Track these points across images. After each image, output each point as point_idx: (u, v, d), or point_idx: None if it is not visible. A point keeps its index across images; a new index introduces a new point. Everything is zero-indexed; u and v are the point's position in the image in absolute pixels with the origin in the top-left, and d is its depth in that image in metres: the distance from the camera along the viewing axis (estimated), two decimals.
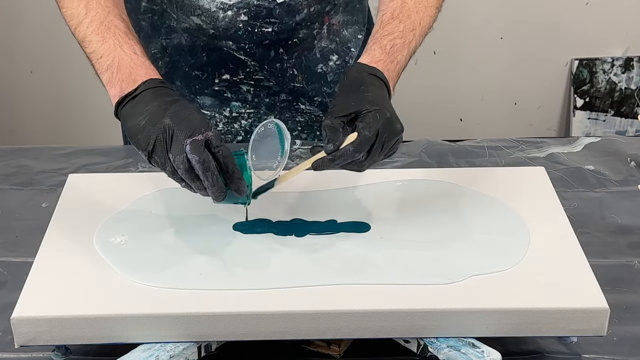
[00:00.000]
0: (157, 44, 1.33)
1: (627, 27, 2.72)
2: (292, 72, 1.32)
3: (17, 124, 2.77)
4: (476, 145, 1.35)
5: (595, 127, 2.80)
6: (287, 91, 1.34)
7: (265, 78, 1.32)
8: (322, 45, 1.32)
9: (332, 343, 0.95)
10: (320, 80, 1.34)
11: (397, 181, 1.13)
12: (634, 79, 2.76)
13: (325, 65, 1.33)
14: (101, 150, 1.36)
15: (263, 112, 1.36)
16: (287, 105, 1.36)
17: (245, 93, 1.34)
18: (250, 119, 1.36)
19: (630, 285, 1.04)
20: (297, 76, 1.33)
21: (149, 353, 0.89)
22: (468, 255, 0.97)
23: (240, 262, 0.97)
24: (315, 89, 1.34)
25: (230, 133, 1.37)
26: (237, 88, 1.33)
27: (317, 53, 1.32)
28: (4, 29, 2.65)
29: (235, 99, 1.34)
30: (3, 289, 1.04)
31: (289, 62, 1.31)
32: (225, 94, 1.34)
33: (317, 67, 1.33)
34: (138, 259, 0.97)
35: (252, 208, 1.04)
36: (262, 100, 1.35)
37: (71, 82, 2.72)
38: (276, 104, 1.35)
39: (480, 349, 0.89)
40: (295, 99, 1.35)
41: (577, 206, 1.19)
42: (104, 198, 1.08)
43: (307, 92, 1.35)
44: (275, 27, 1.26)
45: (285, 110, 1.36)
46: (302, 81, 1.33)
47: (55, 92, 2.74)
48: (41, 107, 2.76)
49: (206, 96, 1.35)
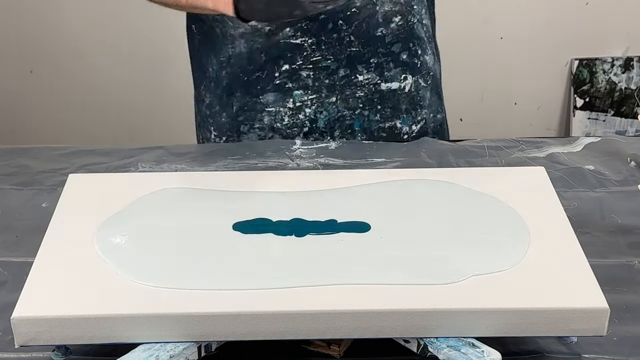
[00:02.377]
0: (224, 54, 1.37)
1: (627, 27, 2.73)
2: (349, 39, 1.34)
3: (17, 124, 2.77)
4: (476, 145, 1.35)
5: (595, 127, 2.81)
6: (344, 63, 1.36)
7: (322, 57, 1.34)
8: (385, 10, 1.34)
9: (332, 343, 0.95)
10: (377, 43, 1.36)
11: (397, 181, 1.13)
12: (634, 79, 2.77)
13: (387, 28, 1.35)
14: (101, 150, 1.36)
15: (325, 95, 1.38)
16: (347, 82, 1.37)
17: (306, 79, 1.36)
18: (313, 105, 1.38)
19: (630, 285, 1.04)
20: (354, 41, 1.35)
21: (149, 353, 0.89)
22: (468, 255, 0.97)
23: (240, 262, 0.97)
24: (371, 51, 1.36)
25: (296, 126, 1.39)
26: (297, 75, 1.36)
27: (379, 18, 1.34)
28: (4, 29, 2.65)
29: (296, 88, 1.36)
30: (3, 289, 1.04)
31: (347, 31, 1.34)
32: (286, 85, 1.36)
33: (376, 30, 1.35)
34: (138, 259, 0.97)
35: (252, 208, 1.04)
36: (322, 83, 1.37)
37: (71, 82, 2.72)
38: (336, 82, 1.37)
39: (480, 349, 0.89)
40: (352, 69, 1.37)
41: (577, 206, 1.19)
42: (104, 198, 1.08)
43: (363, 56, 1.36)
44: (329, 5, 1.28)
45: (345, 87, 1.38)
46: (359, 45, 1.35)
47: (55, 92, 2.74)
48: (41, 107, 2.77)
49: (269, 93, 1.37)
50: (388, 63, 1.38)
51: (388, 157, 1.31)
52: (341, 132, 1.40)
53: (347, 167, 1.28)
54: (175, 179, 1.15)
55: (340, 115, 1.39)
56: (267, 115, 1.39)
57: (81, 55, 2.69)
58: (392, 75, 1.39)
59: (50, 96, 2.74)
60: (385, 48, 1.37)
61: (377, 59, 1.37)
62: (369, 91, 1.39)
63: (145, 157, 1.32)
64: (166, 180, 1.14)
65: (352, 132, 1.41)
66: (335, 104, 1.38)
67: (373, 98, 1.40)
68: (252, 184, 1.11)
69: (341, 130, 1.40)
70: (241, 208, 1.05)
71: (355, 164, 1.30)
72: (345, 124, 1.40)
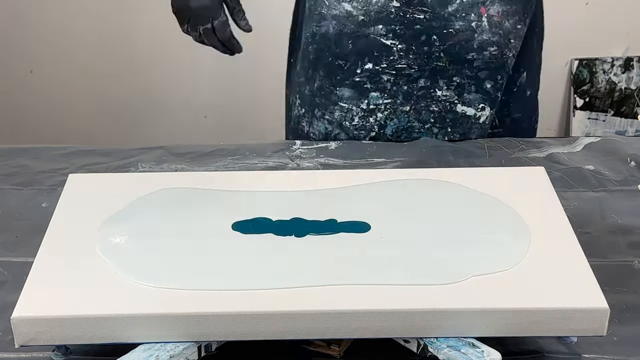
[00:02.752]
0: (310, 29, 1.36)
1: (627, 27, 2.72)
2: (438, 54, 1.33)
3: (17, 124, 2.77)
4: (476, 145, 1.35)
5: (595, 127, 2.80)
6: (426, 75, 1.34)
7: (408, 65, 1.33)
8: (483, 38, 1.32)
9: (332, 343, 0.95)
10: (465, 64, 1.34)
11: (397, 181, 1.13)
12: (634, 79, 2.76)
13: (480, 54, 1.33)
14: (101, 150, 1.36)
15: (400, 102, 1.36)
16: (424, 93, 1.36)
17: (385, 82, 1.35)
18: (386, 110, 1.37)
19: (630, 285, 1.04)
20: (443, 58, 1.33)
21: (149, 353, 0.89)
22: (468, 255, 0.97)
23: (240, 262, 0.97)
24: (457, 69, 1.34)
25: (365, 128, 1.38)
26: (378, 78, 1.34)
27: (474, 44, 1.33)
28: (4, 29, 2.65)
29: (374, 89, 1.35)
30: (3, 289, 1.04)
31: (438, 48, 1.32)
32: (365, 84, 1.35)
33: (468, 54, 1.33)
34: (138, 259, 0.97)
35: (252, 208, 1.04)
36: (400, 89, 1.35)
37: (71, 82, 2.72)
38: (413, 92, 1.35)
39: (480, 349, 0.89)
40: (433, 82, 1.35)
41: (577, 206, 1.19)
42: (104, 198, 1.08)
43: (447, 72, 1.35)
44: (427, 15, 1.27)
45: (422, 99, 1.36)
46: (446, 62, 1.34)
47: (55, 92, 2.74)
48: (41, 107, 2.76)
49: (346, 87, 1.36)
50: (470, 86, 1.36)
51: (388, 157, 1.31)
52: None
53: (347, 167, 1.28)
54: (175, 179, 1.15)
55: (409, 125, 1.37)
56: (339, 110, 1.37)
57: (81, 55, 2.69)
58: (470, 100, 1.37)
59: (50, 96, 2.74)
60: (472, 71, 1.35)
61: (460, 78, 1.35)
62: (443, 108, 1.37)
63: (145, 157, 1.32)
64: (166, 180, 1.14)
65: None
66: (408, 114, 1.36)
67: (446, 117, 1.38)
68: (252, 184, 1.11)
69: (407, 141, 1.38)
70: (241, 208, 1.05)
71: (355, 164, 1.30)
72: (412, 135, 1.38)
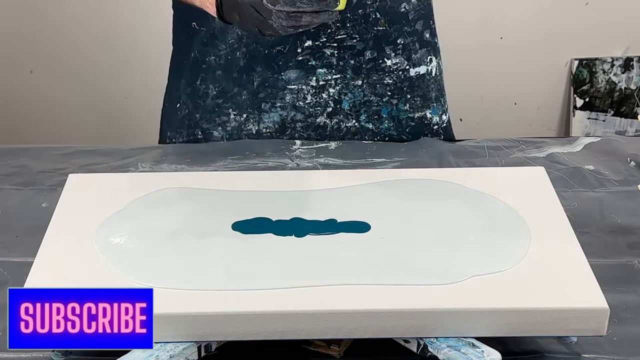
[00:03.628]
0: (232, 34, 1.34)
1: (627, 27, 2.72)
2: (374, 16, 1.32)
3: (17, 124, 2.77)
4: (476, 145, 1.35)
5: (595, 127, 2.80)
6: (371, 45, 1.34)
7: (348, 36, 1.32)
8: None
9: (332, 343, 0.95)
10: (401, 20, 1.34)
11: (397, 181, 1.13)
12: (634, 79, 2.76)
13: (409, 3, 1.33)
14: (101, 150, 1.36)
15: (350, 77, 1.35)
16: (373, 66, 1.35)
17: (330, 57, 1.34)
18: (337, 86, 1.35)
19: (630, 285, 1.04)
20: (380, 19, 1.32)
21: (149, 353, 0.89)
22: (468, 255, 0.97)
23: (240, 262, 0.97)
24: (397, 29, 1.34)
25: (320, 105, 1.36)
26: (320, 53, 1.33)
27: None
28: (4, 29, 2.65)
29: (320, 66, 1.34)
30: (3, 289, 1.04)
31: (372, 7, 1.32)
32: (309, 62, 1.33)
33: (400, 6, 1.33)
34: (138, 259, 0.97)
35: (252, 207, 1.04)
36: (347, 63, 1.34)
37: (71, 82, 2.72)
38: (362, 65, 1.35)
39: (480, 349, 0.89)
40: (380, 51, 1.34)
41: (577, 206, 1.19)
42: (104, 198, 1.08)
43: (390, 35, 1.34)
44: None
45: (372, 72, 1.35)
46: (385, 24, 1.33)
47: (55, 92, 2.74)
48: (41, 107, 2.76)
49: (290, 69, 1.34)
50: (414, 44, 1.36)
51: (388, 157, 1.31)
52: (368, 117, 1.37)
53: (347, 167, 1.28)
54: (175, 179, 1.15)
55: (366, 99, 1.36)
56: (290, 93, 1.36)
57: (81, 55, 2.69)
58: (419, 58, 1.37)
59: (50, 96, 2.74)
60: (410, 26, 1.34)
61: (403, 39, 1.34)
62: (397, 78, 1.36)
63: (145, 157, 1.32)
64: (166, 180, 1.14)
65: (379, 117, 1.37)
66: (362, 88, 1.36)
67: (402, 86, 1.37)
68: (252, 184, 1.11)
69: (368, 115, 1.37)
70: (241, 208, 1.05)
71: (355, 164, 1.30)
72: (372, 109, 1.37)
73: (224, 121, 1.40)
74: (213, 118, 1.40)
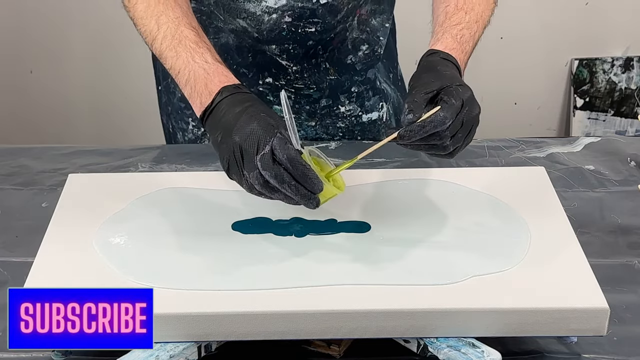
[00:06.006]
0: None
1: (627, 27, 2.72)
2: (325, 66, 1.33)
3: (17, 124, 2.77)
4: (476, 145, 1.35)
5: (595, 127, 2.80)
6: (327, 93, 1.35)
7: (305, 86, 1.34)
8: (354, 36, 1.33)
9: (332, 343, 0.95)
10: (350, 71, 1.36)
11: (397, 181, 1.13)
12: (634, 79, 2.76)
13: (355, 55, 1.35)
14: (101, 150, 1.36)
15: (304, 119, 1.37)
16: (328, 112, 1.37)
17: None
18: None
19: (630, 285, 1.04)
20: (330, 69, 1.34)
21: (149, 353, 0.89)
22: (468, 255, 0.97)
23: (240, 262, 0.97)
24: (348, 79, 1.36)
25: None
26: (278, 93, 1.34)
27: (348, 44, 1.33)
28: (4, 29, 2.65)
29: (277, 103, 1.34)
30: (3, 289, 1.04)
31: (322, 57, 1.33)
32: (267, 96, 1.35)
33: (347, 58, 1.34)
34: (138, 259, 0.97)
35: (252, 207, 1.04)
36: (302, 107, 1.36)
37: (71, 82, 2.72)
38: (317, 111, 1.37)
39: (480, 349, 0.89)
40: (335, 99, 1.37)
41: (577, 206, 1.19)
42: (104, 198, 1.08)
43: (343, 85, 1.36)
44: (318, 27, 1.27)
45: (326, 116, 1.38)
46: (335, 73, 1.34)
47: (55, 92, 2.74)
48: (41, 107, 2.76)
49: None
50: (367, 92, 1.38)
51: (388, 157, 1.31)
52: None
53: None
54: (175, 179, 1.15)
55: (318, 137, 1.39)
56: None
57: (81, 55, 2.69)
58: (371, 105, 1.40)
59: (50, 96, 2.74)
60: (360, 75, 1.36)
61: (357, 87, 1.37)
62: (350, 123, 1.39)
63: (145, 157, 1.32)
64: (166, 180, 1.14)
65: None
66: (314, 128, 1.38)
67: (354, 130, 1.40)
68: None
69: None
70: (241, 208, 1.05)
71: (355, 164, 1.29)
72: (324, 143, 1.39)
73: (183, 128, 1.42)
74: (177, 119, 1.42)
